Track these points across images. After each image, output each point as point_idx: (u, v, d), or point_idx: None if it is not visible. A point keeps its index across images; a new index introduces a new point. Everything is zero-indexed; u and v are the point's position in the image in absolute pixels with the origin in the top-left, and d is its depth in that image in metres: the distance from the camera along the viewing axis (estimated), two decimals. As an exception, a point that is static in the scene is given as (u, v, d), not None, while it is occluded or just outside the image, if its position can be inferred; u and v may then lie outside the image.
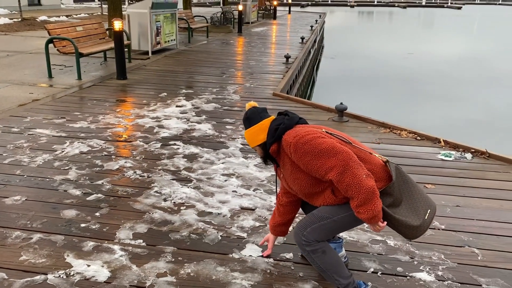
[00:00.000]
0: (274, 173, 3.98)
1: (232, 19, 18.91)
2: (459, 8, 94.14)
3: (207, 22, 16.30)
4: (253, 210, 3.30)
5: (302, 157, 2.09)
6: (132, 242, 2.83)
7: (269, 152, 2.27)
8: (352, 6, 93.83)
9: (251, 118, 2.31)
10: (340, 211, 2.16)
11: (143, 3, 10.36)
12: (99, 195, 3.45)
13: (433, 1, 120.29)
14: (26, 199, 3.34)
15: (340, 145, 2.06)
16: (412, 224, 2.06)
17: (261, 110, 2.34)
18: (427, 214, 2.10)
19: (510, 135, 10.09)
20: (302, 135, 2.12)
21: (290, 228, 2.67)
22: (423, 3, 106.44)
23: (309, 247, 2.23)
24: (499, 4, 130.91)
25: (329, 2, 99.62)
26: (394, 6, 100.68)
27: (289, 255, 2.73)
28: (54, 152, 4.30)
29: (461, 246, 2.86)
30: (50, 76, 7.81)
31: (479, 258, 2.74)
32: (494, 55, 23.58)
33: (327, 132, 2.19)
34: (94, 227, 2.99)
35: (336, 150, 2.03)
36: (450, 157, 4.41)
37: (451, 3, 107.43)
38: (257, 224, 3.09)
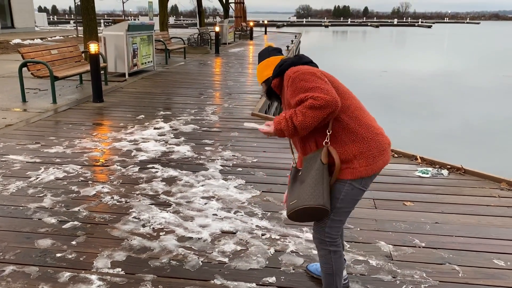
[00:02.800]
0: (254, 194, 3.97)
1: (209, 40, 19.04)
2: (429, 26, 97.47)
3: (184, 43, 16.36)
4: (234, 233, 3.26)
5: (294, 92, 2.06)
6: (111, 271, 2.74)
7: (271, 87, 2.27)
8: (326, 26, 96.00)
9: (260, 55, 2.38)
10: (337, 195, 2.15)
11: (120, 25, 10.34)
12: (76, 222, 3.35)
13: (404, 20, 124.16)
14: (-2, 229, 3.22)
15: (335, 94, 2.02)
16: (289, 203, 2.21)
17: (272, 49, 2.38)
18: (292, 202, 2.16)
19: (483, 148, 10.35)
20: (303, 72, 2.07)
21: None
22: (395, 22, 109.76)
23: (333, 246, 2.26)
24: (467, 22, 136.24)
25: (304, 23, 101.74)
26: (367, 25, 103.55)
27: (272, 279, 2.69)
28: (28, 179, 4.17)
29: (442, 264, 2.88)
30: (24, 100, 7.65)
31: (460, 275, 2.76)
32: (464, 71, 24.36)
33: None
34: (70, 256, 2.89)
35: (328, 92, 1.99)
36: (427, 173, 4.48)
37: (422, 22, 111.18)
38: (239, 248, 3.05)
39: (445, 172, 4.53)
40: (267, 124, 2.19)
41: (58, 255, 2.91)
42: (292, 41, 24.47)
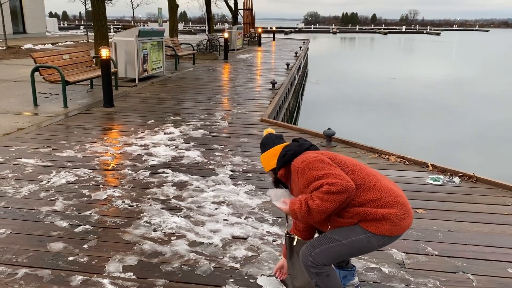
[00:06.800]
0: (264, 200, 3.96)
1: (218, 46, 19.14)
2: (438, 34, 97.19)
3: (194, 50, 16.44)
4: (245, 239, 3.25)
5: (307, 181, 2.11)
6: (122, 275, 2.75)
7: (278, 177, 2.33)
8: (334, 33, 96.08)
9: (265, 143, 2.40)
10: (351, 234, 2.13)
11: (130, 31, 10.44)
12: (87, 226, 3.37)
13: (412, 27, 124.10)
14: (11, 232, 3.24)
15: (348, 177, 2.07)
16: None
17: (275, 137, 2.42)
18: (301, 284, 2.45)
19: (494, 156, 10.25)
20: (310, 161, 2.14)
21: None
22: (403, 30, 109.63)
23: (315, 269, 2.20)
24: (476, 30, 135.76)
25: (312, 29, 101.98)
26: (375, 32, 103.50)
27: (284, 286, 2.67)
28: (40, 183, 4.20)
29: (455, 272, 2.85)
30: (35, 104, 7.73)
31: (474, 284, 2.73)
32: (474, 78, 24.22)
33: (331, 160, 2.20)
34: (82, 260, 2.90)
35: (341, 177, 2.04)
36: (439, 181, 4.44)
37: (430, 29, 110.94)
38: (250, 253, 3.04)
39: (457, 179, 4.49)
40: (284, 201, 2.21)
41: (70, 258, 2.92)
42: (300, 47, 24.50)
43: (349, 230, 2.14)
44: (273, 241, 3.22)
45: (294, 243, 2.45)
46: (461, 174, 4.60)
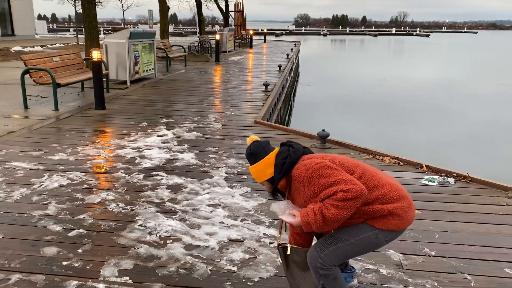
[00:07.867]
0: (260, 202, 3.93)
1: (210, 48, 19.09)
2: (427, 35, 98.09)
3: (185, 51, 16.38)
4: (242, 241, 3.22)
5: (315, 190, 2.07)
6: (118, 279, 2.70)
7: (279, 188, 2.25)
8: (325, 35, 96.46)
9: (256, 153, 2.25)
10: (359, 233, 2.13)
11: (121, 33, 10.36)
12: (81, 230, 3.32)
13: (402, 29, 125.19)
14: (3, 237, 3.18)
15: (358, 181, 2.04)
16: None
17: (264, 144, 2.28)
18: None
19: (485, 156, 10.34)
20: (315, 168, 2.08)
21: None
22: (393, 31, 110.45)
23: (324, 271, 2.18)
24: (464, 32, 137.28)
25: (303, 31, 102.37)
26: (365, 34, 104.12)
27: (282, 288, 2.65)
28: (32, 186, 4.14)
29: (453, 273, 2.85)
30: (25, 107, 7.63)
31: (472, 284, 2.73)
32: (463, 79, 24.45)
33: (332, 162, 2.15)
34: (77, 264, 2.85)
35: (353, 182, 2.01)
36: (434, 182, 4.45)
37: (420, 31, 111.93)
38: (247, 256, 3.01)
39: (451, 180, 4.51)
40: (291, 213, 2.14)
41: (65, 263, 2.86)
42: (291, 49, 24.55)
43: (356, 229, 2.13)
44: (270, 243, 3.20)
45: (288, 252, 2.38)
46: (455, 175, 4.62)
